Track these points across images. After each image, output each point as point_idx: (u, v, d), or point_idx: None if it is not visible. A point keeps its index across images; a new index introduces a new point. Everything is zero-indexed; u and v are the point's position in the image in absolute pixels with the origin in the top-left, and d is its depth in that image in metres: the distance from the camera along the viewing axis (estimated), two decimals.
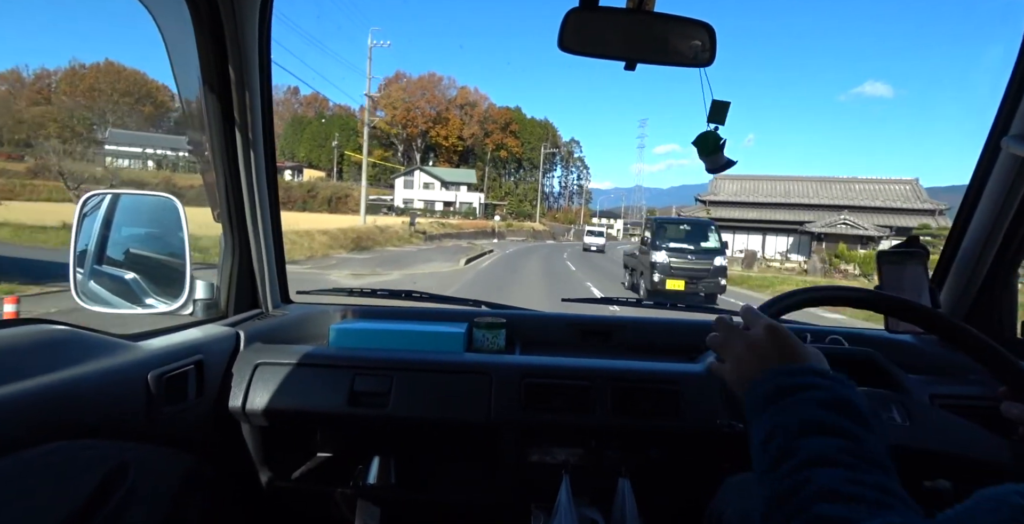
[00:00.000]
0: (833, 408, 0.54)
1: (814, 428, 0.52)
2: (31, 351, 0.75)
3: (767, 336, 0.64)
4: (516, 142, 74.46)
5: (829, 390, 0.56)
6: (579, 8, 0.97)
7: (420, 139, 70.53)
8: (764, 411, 0.57)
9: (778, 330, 0.64)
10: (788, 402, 0.56)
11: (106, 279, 1.20)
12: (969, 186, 1.30)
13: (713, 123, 1.06)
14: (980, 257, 1.28)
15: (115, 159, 44.19)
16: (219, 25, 1.11)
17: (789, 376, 0.59)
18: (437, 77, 72.60)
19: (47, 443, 0.72)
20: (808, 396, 0.55)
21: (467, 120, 72.10)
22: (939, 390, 1.12)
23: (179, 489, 1.01)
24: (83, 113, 48.40)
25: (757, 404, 0.58)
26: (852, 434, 0.51)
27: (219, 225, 1.28)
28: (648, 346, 1.46)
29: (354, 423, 1.19)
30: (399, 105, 67.47)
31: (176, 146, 47.22)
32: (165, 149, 47.87)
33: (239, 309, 1.33)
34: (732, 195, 31.70)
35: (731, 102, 1.04)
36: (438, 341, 1.29)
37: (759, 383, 0.60)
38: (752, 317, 0.69)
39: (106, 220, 1.22)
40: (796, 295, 0.85)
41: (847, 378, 0.59)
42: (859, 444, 0.50)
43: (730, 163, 1.10)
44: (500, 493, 1.20)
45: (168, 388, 0.95)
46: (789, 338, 0.64)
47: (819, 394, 0.55)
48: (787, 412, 0.55)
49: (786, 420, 0.54)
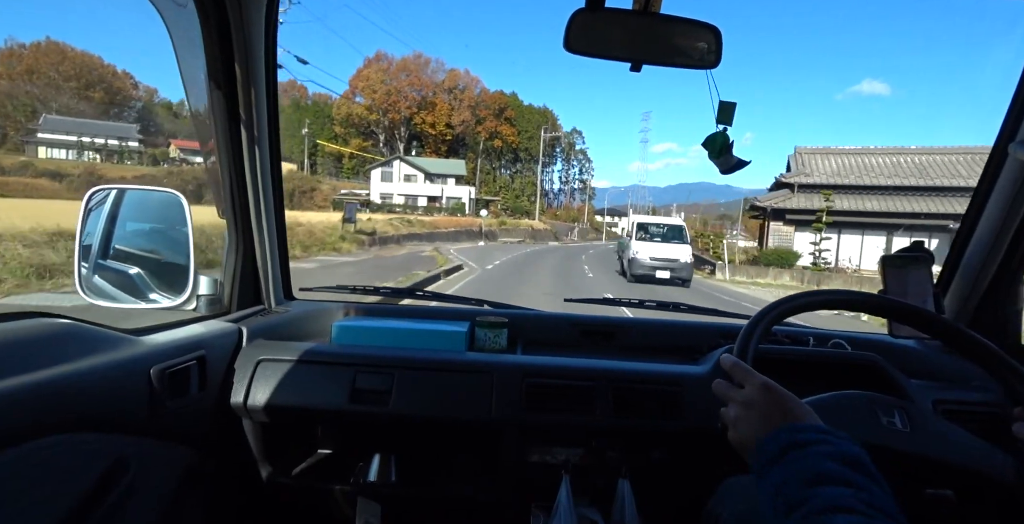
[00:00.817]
0: (842, 461, 0.55)
1: (826, 479, 0.53)
2: (34, 344, 0.75)
3: (763, 396, 0.67)
4: (512, 130, 65.15)
5: (836, 446, 0.58)
6: (585, 9, 0.97)
7: (404, 127, 61.29)
8: (774, 466, 0.58)
9: (772, 389, 0.67)
10: (798, 455, 0.57)
11: (110, 273, 1.21)
12: (975, 191, 1.29)
13: (721, 124, 1.05)
14: (985, 262, 1.28)
15: (49, 148, 40.19)
16: (226, 23, 1.12)
17: (797, 433, 0.60)
18: (424, 59, 63.19)
19: (48, 436, 0.72)
20: (817, 451, 0.57)
21: (457, 105, 62.19)
22: (942, 396, 1.11)
23: (179, 484, 1.01)
24: (22, 98, 43.33)
25: (767, 460, 0.60)
26: (863, 485, 0.53)
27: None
28: (650, 347, 1.46)
29: (355, 420, 1.19)
30: (379, 88, 58.60)
31: (124, 135, 43.20)
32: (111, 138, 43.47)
33: (242, 305, 1.33)
34: (832, 175, 21.00)
35: (737, 103, 1.03)
36: (440, 340, 1.29)
37: (767, 441, 0.61)
38: (742, 375, 0.71)
39: (111, 215, 1.22)
40: (798, 299, 0.85)
41: (849, 436, 0.60)
42: (870, 495, 0.51)
43: (742, 163, 1.09)
44: (500, 492, 1.20)
45: (170, 383, 0.95)
46: (786, 397, 0.66)
47: (827, 448, 0.57)
48: (798, 465, 0.56)
49: (797, 472, 0.55)
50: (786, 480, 0.55)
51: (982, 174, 1.28)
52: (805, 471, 0.55)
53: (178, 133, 49.07)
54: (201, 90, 1.17)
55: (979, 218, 1.28)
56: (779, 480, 0.56)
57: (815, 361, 1.20)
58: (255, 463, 1.22)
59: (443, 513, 1.28)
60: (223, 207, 1.27)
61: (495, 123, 64.11)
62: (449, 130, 62.08)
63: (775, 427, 0.62)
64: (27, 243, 6.60)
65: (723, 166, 1.10)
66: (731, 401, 0.70)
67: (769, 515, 0.55)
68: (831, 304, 0.86)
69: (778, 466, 0.58)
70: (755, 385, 0.68)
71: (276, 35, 1.23)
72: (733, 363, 0.73)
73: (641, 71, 1.05)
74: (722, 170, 1.11)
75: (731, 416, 0.69)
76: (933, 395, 1.11)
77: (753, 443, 0.63)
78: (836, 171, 21.44)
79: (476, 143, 63.48)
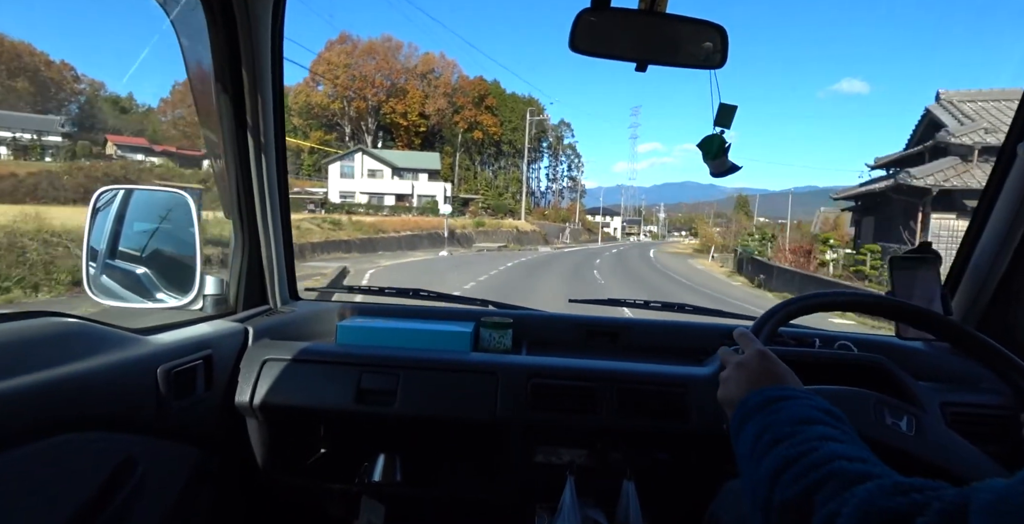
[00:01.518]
0: (820, 411, 0.60)
1: (811, 420, 0.57)
2: (41, 343, 0.76)
3: (757, 361, 0.72)
4: (494, 120, 57.47)
5: (814, 400, 0.62)
6: (591, 8, 0.97)
7: (371, 117, 53.14)
8: (756, 414, 0.62)
9: (767, 357, 0.72)
10: (778, 407, 0.62)
11: (118, 273, 1.22)
12: (984, 191, 1.28)
13: (719, 126, 1.05)
14: (994, 263, 1.27)
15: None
16: (233, 25, 1.13)
17: (778, 390, 0.65)
18: (395, 43, 54.94)
19: (57, 435, 0.73)
20: (795, 403, 0.61)
21: (431, 93, 54.06)
22: (950, 398, 1.10)
23: (186, 482, 1.02)
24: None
25: (749, 411, 0.64)
26: (841, 429, 0.57)
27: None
28: (655, 348, 1.46)
29: (360, 420, 1.19)
30: (342, 73, 50.84)
31: (42, 128, 35.75)
32: (27, 131, 34.62)
33: (248, 305, 1.34)
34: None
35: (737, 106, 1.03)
36: (445, 340, 1.29)
37: (752, 395, 0.66)
38: (745, 341, 0.77)
39: (119, 215, 1.23)
40: (806, 299, 0.84)
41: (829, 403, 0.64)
42: (851, 436, 0.56)
43: (735, 168, 1.09)
44: (504, 492, 1.20)
45: (177, 382, 0.96)
46: (778, 364, 0.72)
47: (806, 402, 0.62)
48: (783, 412, 0.60)
49: (784, 416, 0.59)
50: (772, 423, 0.59)
51: (991, 174, 1.27)
52: (791, 415, 0.59)
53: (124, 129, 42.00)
54: (209, 92, 1.18)
55: (988, 218, 1.27)
56: (764, 423, 0.60)
57: (821, 363, 1.19)
58: (260, 462, 1.22)
59: (447, 513, 1.29)
60: (229, 208, 1.28)
61: (474, 112, 56.23)
62: (423, 120, 54.08)
63: (760, 386, 0.67)
64: None
65: (716, 169, 1.10)
66: (728, 363, 0.76)
67: (747, 459, 0.58)
68: (837, 305, 0.85)
69: (761, 414, 0.62)
70: (753, 351, 0.74)
71: (282, 36, 1.23)
72: (742, 333, 0.79)
73: (647, 71, 1.05)
74: (714, 173, 1.12)
75: (723, 375, 0.74)
76: (941, 397, 1.10)
77: (737, 400, 0.67)
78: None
79: (454, 135, 55.06)
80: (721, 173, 1.11)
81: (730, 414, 0.68)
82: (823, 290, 0.89)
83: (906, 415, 0.82)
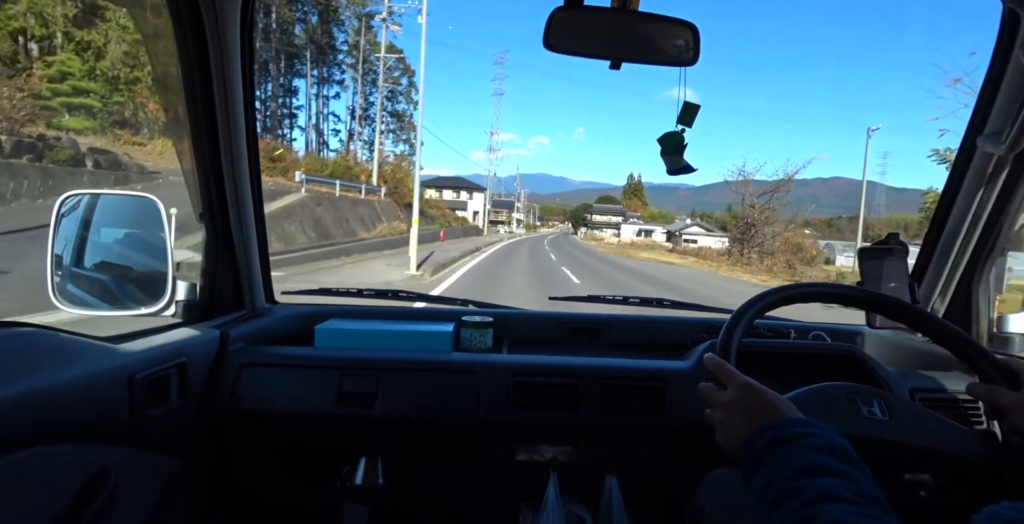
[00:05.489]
0: (827, 452, 0.57)
1: (814, 470, 0.55)
2: (6, 354, 0.73)
3: (744, 395, 0.68)
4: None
5: (821, 438, 0.59)
6: (564, 7, 0.98)
7: None
8: (762, 462, 0.59)
9: (752, 388, 0.69)
10: (783, 451, 0.59)
11: (85, 281, 1.18)
12: (947, 184, 1.33)
13: (681, 125, 1.08)
14: (957, 253, 1.31)
15: None
16: (200, 24, 1.10)
17: (780, 429, 0.62)
18: None
19: (26, 449, 0.70)
20: (801, 444, 0.58)
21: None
22: (919, 384, 1.14)
23: (162, 492, 1.00)
24: None
25: (754, 459, 0.61)
26: (849, 475, 0.54)
27: None
28: (635, 343, 1.47)
29: (341, 424, 1.18)
30: None
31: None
32: None
33: (223, 310, 1.31)
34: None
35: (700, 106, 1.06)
36: (425, 340, 1.28)
37: (752, 439, 0.63)
38: (724, 375, 0.72)
39: (84, 220, 1.19)
40: (777, 293, 0.86)
41: (831, 428, 0.62)
42: (857, 484, 0.53)
43: (689, 168, 1.12)
44: (488, 492, 1.20)
45: (150, 391, 0.93)
46: (767, 394, 0.68)
47: (813, 441, 0.59)
48: (785, 460, 0.58)
49: (786, 465, 0.57)
50: (775, 474, 0.56)
51: (952, 166, 1.31)
52: (793, 464, 0.56)
53: None
54: (175, 91, 1.15)
55: (951, 209, 1.31)
56: (769, 475, 0.57)
57: (796, 353, 1.22)
58: (239, 469, 1.20)
59: (430, 514, 1.28)
60: (200, 211, 1.25)
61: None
62: None
63: (759, 425, 0.64)
64: None
65: (671, 166, 1.12)
66: (715, 404, 0.72)
67: (759, 511, 0.56)
68: (809, 297, 0.87)
69: (766, 462, 0.59)
70: (737, 385, 0.70)
71: (252, 34, 1.21)
72: (716, 363, 0.75)
73: (620, 68, 1.06)
74: (669, 170, 1.14)
75: (716, 418, 0.71)
76: (910, 384, 1.13)
77: (739, 443, 0.65)
78: None
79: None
80: (675, 171, 1.13)
81: (735, 460, 0.66)
82: (794, 284, 0.91)
83: (876, 400, 0.85)
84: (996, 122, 1.18)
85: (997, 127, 1.18)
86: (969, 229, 1.28)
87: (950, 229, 1.32)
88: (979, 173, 1.23)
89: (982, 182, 1.23)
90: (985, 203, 1.24)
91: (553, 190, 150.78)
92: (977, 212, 1.26)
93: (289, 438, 1.29)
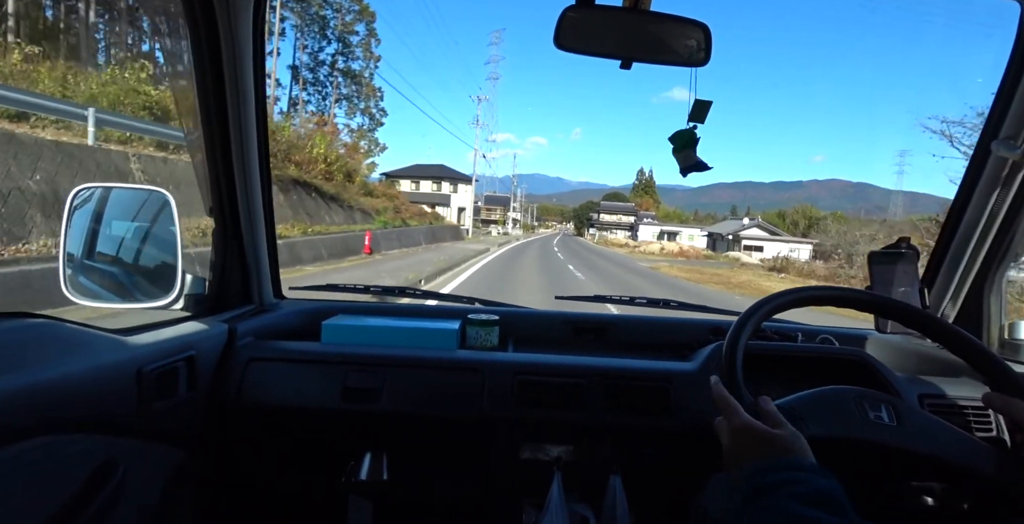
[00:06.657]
0: (811, 503, 0.55)
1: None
2: (17, 345, 0.74)
3: (741, 437, 0.68)
4: None
5: (807, 484, 0.58)
6: (576, 6, 0.97)
7: None
8: (749, 506, 0.59)
9: (748, 430, 0.68)
10: (768, 502, 0.57)
11: (96, 274, 1.19)
12: (960, 188, 1.31)
13: (693, 122, 1.07)
14: (969, 258, 1.30)
15: None
16: (213, 20, 1.11)
17: (766, 474, 0.61)
18: None
19: (35, 438, 0.71)
20: (786, 492, 0.57)
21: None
22: (928, 390, 1.13)
23: (169, 484, 1.01)
24: None
25: (744, 499, 0.60)
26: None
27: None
28: (641, 344, 1.47)
29: (346, 419, 1.19)
30: None
31: None
32: None
33: (231, 304, 1.32)
34: None
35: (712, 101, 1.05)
36: (431, 338, 1.28)
37: (744, 479, 0.62)
38: (726, 412, 0.72)
39: (96, 214, 1.20)
40: (785, 296, 0.86)
41: (825, 469, 0.60)
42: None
43: (703, 166, 1.10)
44: (492, 489, 1.20)
45: (159, 383, 0.94)
46: (766, 432, 0.67)
47: (798, 489, 0.57)
48: (768, 512, 0.56)
49: (768, 519, 0.56)
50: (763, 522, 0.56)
51: (966, 170, 1.30)
52: (785, 513, 0.55)
53: None
54: (190, 88, 1.16)
55: (963, 214, 1.30)
56: (757, 520, 0.57)
57: (803, 357, 1.21)
58: (245, 462, 1.21)
59: (434, 511, 1.29)
60: (210, 205, 1.26)
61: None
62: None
63: (751, 466, 0.63)
64: None
65: (684, 162, 1.11)
66: (720, 431, 0.73)
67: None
68: (816, 300, 0.87)
69: (752, 508, 0.58)
70: (736, 426, 0.70)
71: (264, 30, 1.22)
72: (719, 396, 0.75)
73: (631, 68, 1.05)
74: (682, 167, 1.13)
75: (723, 442, 0.72)
76: (919, 389, 1.12)
77: (736, 474, 0.65)
78: None
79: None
80: (687, 168, 1.12)
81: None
82: (804, 287, 0.90)
83: (884, 405, 0.84)
84: (1012, 126, 1.17)
85: (1012, 131, 1.16)
86: (982, 234, 1.27)
87: (962, 233, 1.30)
88: (993, 177, 1.22)
89: (996, 186, 1.22)
90: (999, 208, 1.23)
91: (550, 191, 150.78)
92: (990, 217, 1.24)
93: (295, 432, 1.30)
